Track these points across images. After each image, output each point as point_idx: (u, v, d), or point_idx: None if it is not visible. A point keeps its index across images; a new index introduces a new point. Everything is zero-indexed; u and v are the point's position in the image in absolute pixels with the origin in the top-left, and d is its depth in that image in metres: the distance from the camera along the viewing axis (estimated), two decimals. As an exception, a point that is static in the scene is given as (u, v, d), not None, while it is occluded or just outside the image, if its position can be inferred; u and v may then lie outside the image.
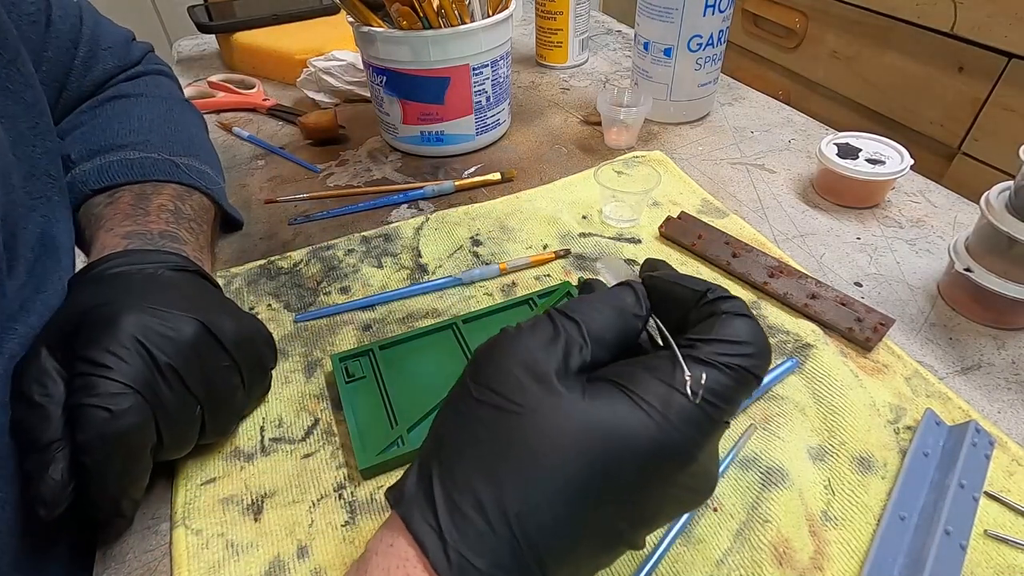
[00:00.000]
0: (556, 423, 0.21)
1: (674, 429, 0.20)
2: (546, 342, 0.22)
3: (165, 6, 1.45)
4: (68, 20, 0.47)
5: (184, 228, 0.43)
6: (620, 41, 0.93)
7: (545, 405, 0.21)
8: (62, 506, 0.28)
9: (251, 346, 0.36)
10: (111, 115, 0.48)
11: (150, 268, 0.36)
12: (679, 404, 0.21)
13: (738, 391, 0.22)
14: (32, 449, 0.28)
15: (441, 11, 0.55)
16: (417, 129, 0.62)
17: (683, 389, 0.21)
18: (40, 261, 0.36)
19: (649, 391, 0.21)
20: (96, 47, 0.50)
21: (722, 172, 0.61)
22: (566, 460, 0.20)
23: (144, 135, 0.47)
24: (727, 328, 0.22)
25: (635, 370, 0.22)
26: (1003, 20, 0.83)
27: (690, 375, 0.21)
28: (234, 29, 0.84)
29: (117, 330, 0.30)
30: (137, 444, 0.29)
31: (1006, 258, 0.40)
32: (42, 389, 0.29)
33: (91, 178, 0.44)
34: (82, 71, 0.48)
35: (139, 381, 0.29)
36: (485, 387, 0.22)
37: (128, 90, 0.51)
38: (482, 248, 0.52)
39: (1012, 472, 0.34)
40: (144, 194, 0.44)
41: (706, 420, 0.21)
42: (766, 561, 0.30)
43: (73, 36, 0.47)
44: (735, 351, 0.22)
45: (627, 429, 0.20)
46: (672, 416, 0.20)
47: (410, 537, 0.21)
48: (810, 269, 0.48)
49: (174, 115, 0.51)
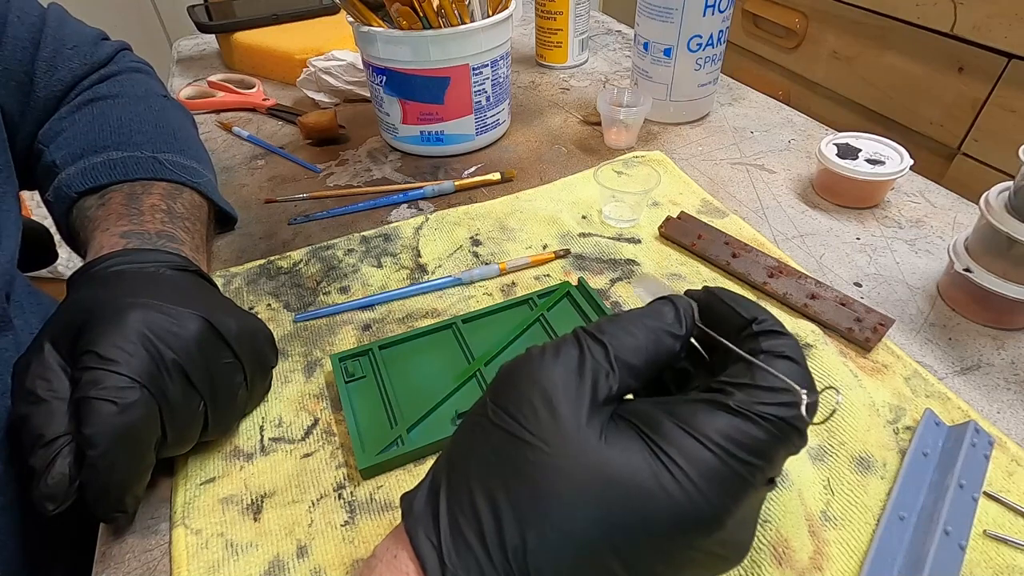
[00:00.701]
0: (565, 465, 0.19)
1: (697, 492, 0.18)
2: (569, 370, 0.21)
3: (165, 6, 1.45)
4: (27, 20, 0.47)
5: (179, 227, 0.43)
6: (620, 41, 0.93)
7: (557, 441, 0.19)
8: (67, 502, 0.28)
9: (253, 344, 0.36)
10: (90, 118, 0.48)
11: (151, 267, 0.36)
12: (706, 462, 0.18)
13: (775, 447, 0.19)
14: (37, 445, 0.28)
15: (441, 11, 0.55)
16: (417, 129, 0.62)
17: (712, 444, 0.18)
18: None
19: (673, 443, 0.19)
20: (60, 47, 0.50)
21: (722, 172, 0.61)
22: (571, 509, 0.19)
23: (125, 135, 0.47)
24: (767, 372, 0.20)
25: (659, 413, 0.20)
26: (1003, 20, 0.83)
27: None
28: (234, 29, 0.84)
29: (124, 326, 0.30)
30: (142, 438, 0.30)
31: (1006, 258, 0.40)
32: (46, 384, 0.30)
33: (75, 181, 0.44)
34: (47, 71, 0.48)
35: (145, 376, 0.29)
36: (503, 410, 0.21)
37: (104, 92, 0.51)
38: (482, 248, 0.52)
39: (1011, 472, 0.34)
40: (135, 194, 0.44)
41: (736, 481, 0.19)
42: (766, 561, 0.30)
43: (32, 36, 0.47)
44: (773, 399, 0.19)
45: (642, 487, 0.18)
46: (695, 476, 0.18)
47: (412, 553, 0.21)
48: (810, 269, 0.48)
49: (153, 112, 0.51)
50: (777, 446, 0.19)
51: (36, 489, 0.28)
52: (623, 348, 0.21)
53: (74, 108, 0.49)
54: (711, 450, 0.19)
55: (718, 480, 0.18)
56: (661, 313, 0.23)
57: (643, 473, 0.18)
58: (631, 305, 0.46)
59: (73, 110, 0.49)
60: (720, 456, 0.19)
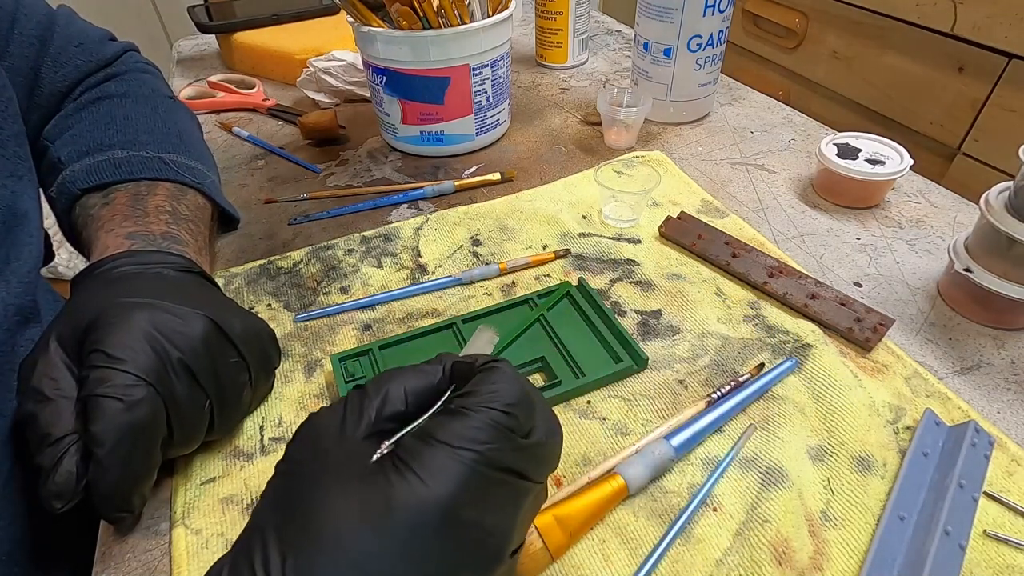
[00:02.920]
0: (330, 484, 0.22)
1: (420, 481, 0.21)
2: (335, 412, 0.24)
3: (165, 6, 1.45)
4: (35, 18, 0.48)
5: (184, 229, 0.43)
6: (620, 41, 0.93)
7: (321, 460, 0.23)
8: (74, 500, 0.29)
9: (258, 344, 0.36)
10: (97, 117, 0.48)
11: (156, 268, 0.36)
12: (428, 455, 0.21)
13: (485, 432, 0.22)
14: (44, 443, 0.29)
15: (441, 11, 0.55)
16: (417, 129, 0.62)
17: (435, 442, 0.22)
18: (11, 232, 0.37)
19: (410, 451, 0.22)
20: (67, 44, 0.50)
21: (722, 172, 0.61)
22: (337, 530, 0.21)
23: (131, 134, 0.48)
24: (479, 383, 0.24)
25: (409, 438, 0.23)
26: (1003, 20, 0.83)
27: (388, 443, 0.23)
28: (234, 29, 0.84)
29: (131, 325, 0.30)
30: (149, 436, 0.30)
31: (1006, 258, 0.40)
32: (53, 383, 0.30)
33: (80, 178, 0.44)
34: (53, 67, 0.49)
35: (152, 374, 0.30)
36: (285, 456, 0.24)
37: (110, 90, 0.51)
38: (482, 248, 0.52)
39: (1012, 472, 0.34)
40: (139, 194, 0.44)
41: (460, 466, 0.21)
42: (766, 561, 0.30)
43: (40, 33, 0.48)
44: (481, 399, 0.23)
45: (390, 488, 0.21)
46: (418, 468, 0.21)
47: None
48: (810, 269, 0.48)
49: (160, 113, 0.52)
50: (487, 431, 0.22)
51: (43, 487, 0.28)
52: (391, 393, 0.25)
53: (80, 106, 0.49)
54: (432, 446, 0.22)
55: (437, 467, 0.21)
56: (426, 368, 0.27)
57: (390, 478, 0.21)
58: (631, 304, 0.46)
59: (79, 108, 0.49)
60: (438, 448, 0.22)
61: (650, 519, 0.32)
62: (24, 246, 0.38)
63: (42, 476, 0.28)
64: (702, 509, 0.33)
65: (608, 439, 0.36)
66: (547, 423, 0.25)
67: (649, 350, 0.42)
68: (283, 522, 0.21)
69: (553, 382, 0.39)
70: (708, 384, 0.40)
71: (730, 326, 0.44)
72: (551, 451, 0.25)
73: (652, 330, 0.44)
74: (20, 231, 0.38)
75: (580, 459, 0.35)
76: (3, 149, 0.39)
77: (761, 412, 0.38)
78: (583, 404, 0.39)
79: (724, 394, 0.38)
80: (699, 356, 0.41)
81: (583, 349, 0.41)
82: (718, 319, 0.44)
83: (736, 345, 0.42)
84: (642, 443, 0.35)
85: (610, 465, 0.34)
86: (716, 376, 0.40)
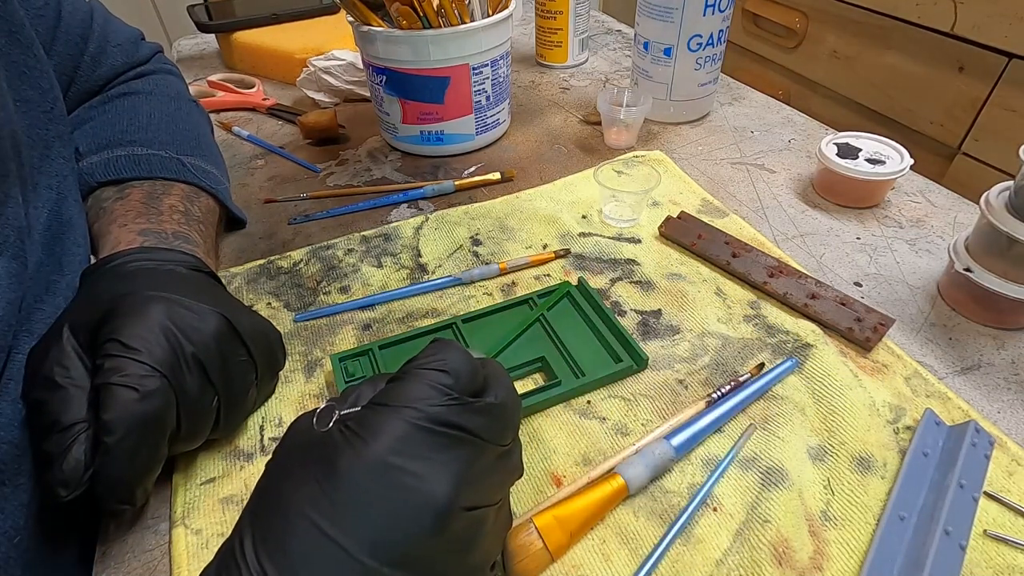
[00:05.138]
0: (294, 459, 0.23)
1: (357, 437, 0.22)
2: (313, 411, 0.25)
3: (165, 6, 1.45)
4: (78, 16, 0.48)
5: (195, 230, 0.43)
6: (620, 41, 0.93)
7: (293, 453, 0.24)
8: (80, 488, 0.28)
9: (266, 344, 0.37)
10: (120, 111, 0.49)
11: (169, 265, 0.37)
12: (363, 415, 0.23)
13: (425, 391, 0.23)
14: (53, 430, 0.28)
15: (441, 11, 0.55)
16: (417, 129, 0.62)
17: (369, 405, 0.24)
18: (59, 240, 0.37)
19: (356, 417, 0.23)
20: (105, 43, 0.50)
21: (722, 172, 0.61)
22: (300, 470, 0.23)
23: (152, 132, 0.48)
24: (425, 353, 0.25)
25: (360, 409, 0.24)
26: (1003, 20, 0.83)
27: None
28: (234, 28, 0.84)
29: (147, 317, 0.30)
30: (159, 427, 0.30)
31: (1006, 258, 0.40)
32: (64, 371, 0.30)
33: (98, 170, 0.44)
34: (91, 66, 0.49)
35: (166, 366, 0.30)
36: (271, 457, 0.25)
37: (137, 87, 0.51)
38: (482, 248, 0.52)
39: (1012, 472, 0.34)
40: (155, 193, 0.44)
41: (400, 422, 0.22)
42: (766, 561, 0.30)
43: (82, 31, 0.48)
44: (424, 362, 0.24)
45: (333, 452, 0.22)
46: (355, 426, 0.23)
47: None
48: (810, 269, 0.48)
49: (182, 114, 0.52)
50: (407, 386, 0.24)
51: (51, 474, 0.28)
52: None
53: (105, 99, 0.50)
54: (375, 409, 0.23)
55: (378, 425, 0.23)
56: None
57: (338, 444, 0.23)
58: (631, 304, 0.46)
59: (104, 101, 0.50)
60: (380, 410, 0.23)
61: (650, 519, 0.32)
62: (74, 256, 0.38)
63: (50, 463, 0.28)
64: (702, 509, 0.33)
65: (608, 439, 0.36)
66: (502, 389, 0.25)
67: (649, 350, 0.42)
68: (258, 510, 0.23)
69: (553, 382, 0.39)
70: (708, 384, 0.40)
71: (730, 326, 0.44)
72: (505, 412, 0.25)
73: (652, 330, 0.44)
74: (68, 239, 0.38)
75: (580, 459, 0.35)
76: (48, 150, 0.39)
77: (761, 412, 0.38)
78: (583, 404, 0.39)
79: (724, 394, 0.38)
80: (699, 356, 0.41)
81: (583, 349, 0.41)
82: (718, 319, 0.44)
83: (736, 345, 0.42)
84: (642, 443, 0.35)
85: (610, 465, 0.34)
86: (716, 376, 0.40)
